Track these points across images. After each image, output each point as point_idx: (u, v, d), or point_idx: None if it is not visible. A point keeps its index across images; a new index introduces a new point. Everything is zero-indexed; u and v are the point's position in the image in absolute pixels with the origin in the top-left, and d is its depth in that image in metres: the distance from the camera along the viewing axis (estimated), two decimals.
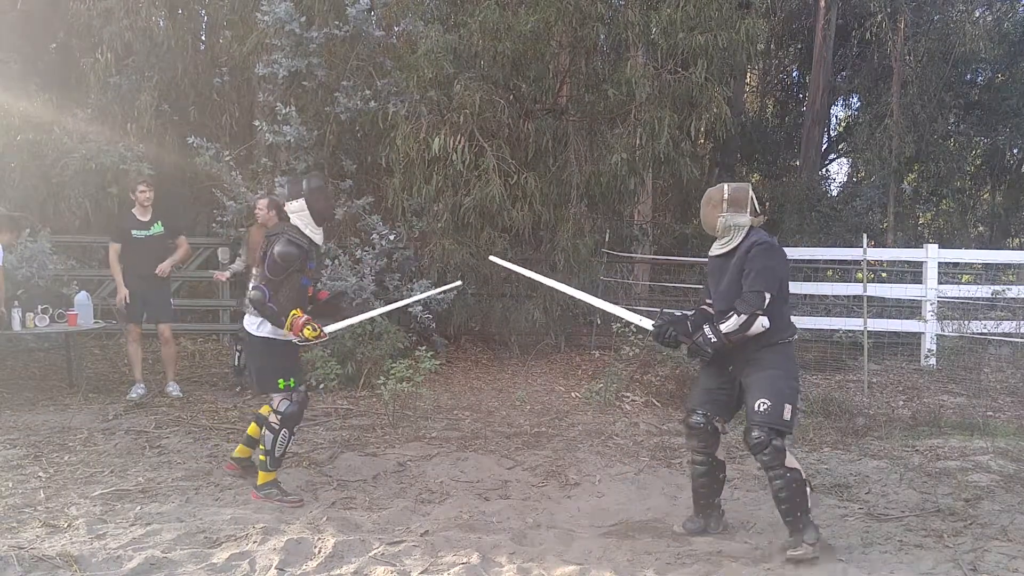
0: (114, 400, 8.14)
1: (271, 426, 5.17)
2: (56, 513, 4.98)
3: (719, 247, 4.74)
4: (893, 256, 13.64)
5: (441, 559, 4.38)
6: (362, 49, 10.43)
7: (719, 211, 4.65)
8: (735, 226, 4.64)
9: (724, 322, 4.52)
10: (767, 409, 4.43)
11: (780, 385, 4.51)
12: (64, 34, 12.39)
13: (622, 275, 13.38)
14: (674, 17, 10.00)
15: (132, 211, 8.26)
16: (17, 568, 4.10)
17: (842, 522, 4.99)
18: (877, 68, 18.80)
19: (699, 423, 4.81)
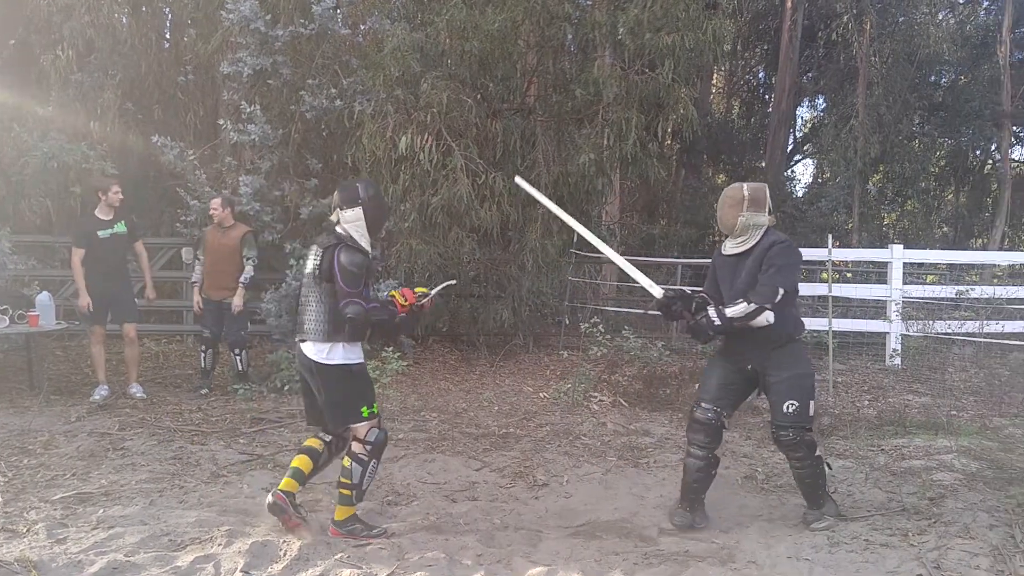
0: (76, 402, 8.02)
1: (359, 458, 4.70)
2: (15, 518, 4.88)
3: (735, 246, 4.77)
4: (858, 256, 13.77)
5: (408, 561, 4.35)
6: (328, 47, 10.37)
7: (740, 210, 4.68)
8: (755, 225, 4.69)
9: (732, 307, 4.58)
10: (796, 410, 4.62)
11: (805, 383, 4.72)
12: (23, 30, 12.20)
13: (590, 275, 13.41)
14: (641, 18, 10.04)
15: (95, 211, 8.16)
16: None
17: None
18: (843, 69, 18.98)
19: (709, 418, 4.85)
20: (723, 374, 4.91)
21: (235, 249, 8.46)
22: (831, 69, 19.80)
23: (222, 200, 8.64)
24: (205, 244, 8.65)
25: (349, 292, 4.56)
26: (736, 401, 5.00)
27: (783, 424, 4.65)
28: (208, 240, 8.62)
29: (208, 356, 8.73)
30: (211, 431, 7.08)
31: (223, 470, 5.99)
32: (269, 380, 8.68)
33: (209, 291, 8.57)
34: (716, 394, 4.88)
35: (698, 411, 4.90)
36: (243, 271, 8.45)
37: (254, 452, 6.46)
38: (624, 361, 8.89)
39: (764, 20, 21.08)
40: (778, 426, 4.69)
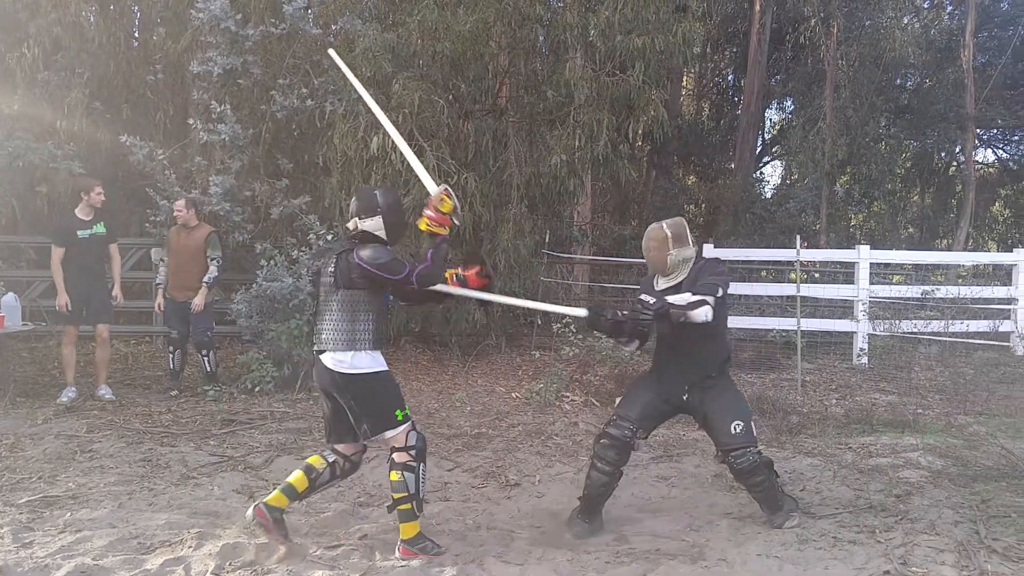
0: (43, 404, 7.93)
1: (409, 466, 4.45)
2: None
3: (667, 282, 4.82)
4: (826, 257, 13.91)
5: (380, 562, 4.35)
6: (299, 47, 10.35)
7: (667, 249, 4.74)
8: (684, 260, 4.78)
9: (676, 296, 4.57)
10: (743, 430, 4.66)
11: (743, 405, 4.81)
12: None
13: (562, 275, 13.44)
14: (612, 20, 10.09)
15: (75, 211, 8.10)
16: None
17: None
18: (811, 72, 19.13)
19: (625, 436, 4.82)
20: (652, 399, 4.87)
21: (199, 249, 8.42)
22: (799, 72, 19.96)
23: (186, 201, 8.62)
24: (169, 245, 8.61)
25: (404, 273, 4.41)
26: (655, 425, 5.04)
27: (735, 445, 4.64)
28: (172, 241, 8.58)
29: (176, 357, 8.68)
30: (181, 433, 7.03)
31: (193, 472, 5.95)
32: (239, 381, 8.63)
33: (174, 292, 8.53)
34: (640, 414, 4.84)
35: (614, 427, 4.84)
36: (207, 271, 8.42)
37: (224, 454, 6.43)
38: (596, 361, 8.92)
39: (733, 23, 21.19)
40: (730, 450, 4.67)
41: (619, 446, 4.83)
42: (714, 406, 4.73)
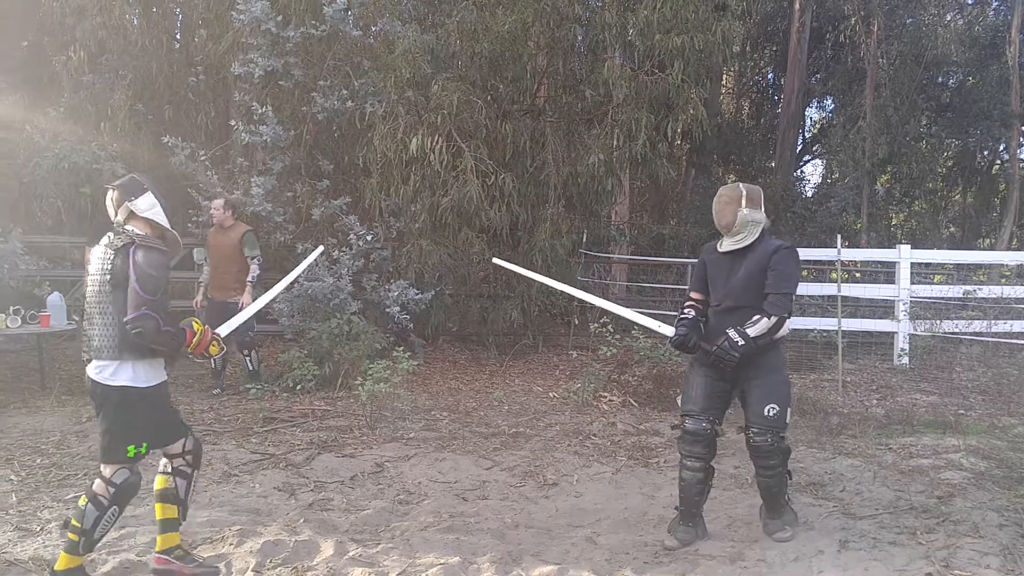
0: (88, 402, 8.00)
1: (99, 502, 3.95)
2: (28, 517, 4.93)
3: (732, 243, 4.72)
4: (866, 256, 13.77)
5: (419, 560, 4.37)
6: (339, 49, 10.42)
7: (738, 206, 4.64)
8: (753, 222, 4.66)
9: (752, 325, 4.51)
10: (776, 415, 4.55)
11: (784, 390, 4.65)
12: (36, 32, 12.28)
13: (599, 275, 13.43)
14: (651, 19, 10.07)
15: None
16: None
17: (817, 520, 5.01)
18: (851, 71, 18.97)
19: (704, 428, 4.72)
20: (706, 383, 4.78)
21: (235, 249, 8.46)
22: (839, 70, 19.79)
23: (224, 201, 8.69)
24: (208, 246, 8.70)
25: (147, 300, 3.85)
26: (723, 408, 4.89)
27: (761, 427, 4.56)
28: (209, 241, 8.67)
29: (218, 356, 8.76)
30: (223, 430, 7.11)
31: (235, 469, 6.01)
32: (281, 380, 8.72)
33: (213, 291, 8.61)
34: (704, 404, 4.76)
35: (689, 423, 4.76)
36: (246, 270, 8.46)
37: (266, 451, 6.48)
38: (634, 361, 8.89)
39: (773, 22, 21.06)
40: (756, 430, 4.58)
41: (703, 439, 4.74)
42: (756, 383, 4.64)
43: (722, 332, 4.64)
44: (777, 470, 4.65)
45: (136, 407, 3.95)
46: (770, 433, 4.55)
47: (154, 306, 3.87)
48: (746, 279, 4.62)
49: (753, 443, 4.61)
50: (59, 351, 9.92)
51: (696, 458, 4.74)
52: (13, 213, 10.79)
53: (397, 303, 9.65)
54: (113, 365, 3.93)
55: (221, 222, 8.55)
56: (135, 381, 3.95)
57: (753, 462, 4.74)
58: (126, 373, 3.93)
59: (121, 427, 3.96)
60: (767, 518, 4.83)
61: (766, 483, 4.70)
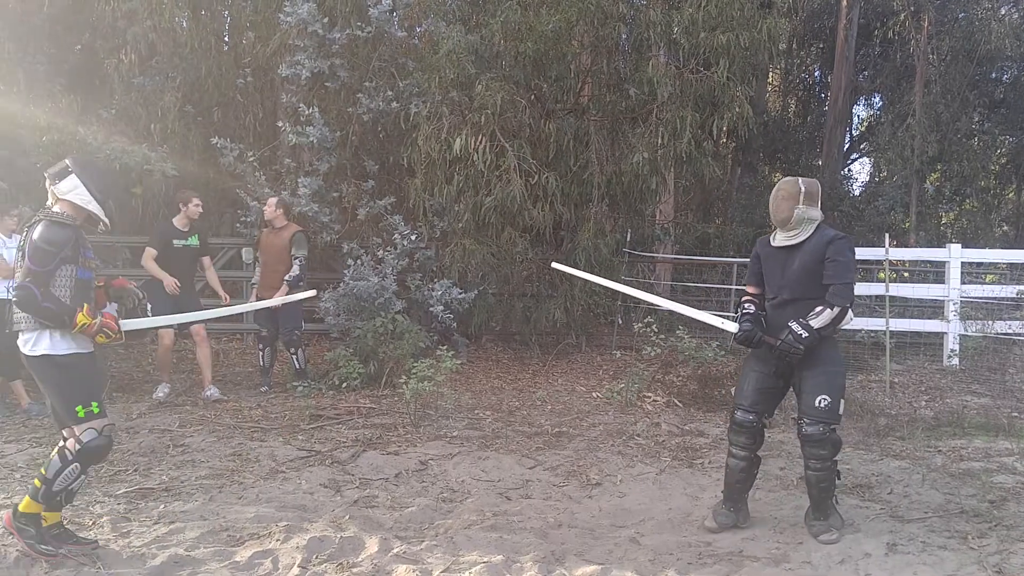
0: (138, 399, 8.22)
1: (64, 455, 4.17)
2: (81, 511, 5.02)
3: (786, 238, 4.74)
4: (915, 256, 13.55)
5: (462, 558, 4.39)
6: (384, 50, 10.49)
7: (795, 203, 4.65)
8: (808, 219, 4.67)
9: (816, 316, 4.54)
10: (828, 405, 4.56)
11: (838, 381, 4.65)
12: (89, 35, 12.47)
13: (644, 275, 13.37)
14: (696, 17, 10.01)
15: (173, 220, 8.35)
16: (43, 565, 4.14)
17: (864, 522, 4.95)
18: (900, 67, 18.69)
19: (750, 420, 4.85)
20: (759, 378, 4.87)
21: (284, 249, 8.56)
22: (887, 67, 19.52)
23: (277, 201, 8.81)
24: (260, 245, 8.81)
25: (31, 270, 4.03)
26: (774, 403, 4.99)
27: (814, 418, 4.59)
28: (262, 242, 8.79)
29: (266, 354, 8.89)
30: (270, 428, 7.20)
31: (282, 466, 6.09)
32: (327, 378, 8.80)
33: (262, 291, 8.70)
34: (754, 398, 4.86)
35: (737, 412, 4.91)
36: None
37: (312, 449, 6.55)
38: (678, 361, 8.85)
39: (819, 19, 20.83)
40: (808, 420, 4.62)
41: (747, 430, 4.86)
42: (810, 373, 4.65)
43: (781, 325, 4.68)
44: (826, 463, 4.64)
45: (63, 373, 4.16)
46: (821, 424, 4.57)
47: (39, 278, 4.04)
48: (802, 271, 4.65)
49: (804, 432, 4.64)
50: (111, 349, 10.09)
51: (741, 447, 4.90)
52: None
53: (441, 302, 9.70)
54: (33, 336, 4.15)
55: (272, 221, 8.66)
56: (53, 349, 4.14)
57: (803, 452, 4.75)
58: (44, 342, 4.14)
59: (58, 393, 4.19)
60: (813, 519, 4.79)
61: (815, 477, 4.68)
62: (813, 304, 4.59)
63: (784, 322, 4.66)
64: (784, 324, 4.65)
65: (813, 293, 4.61)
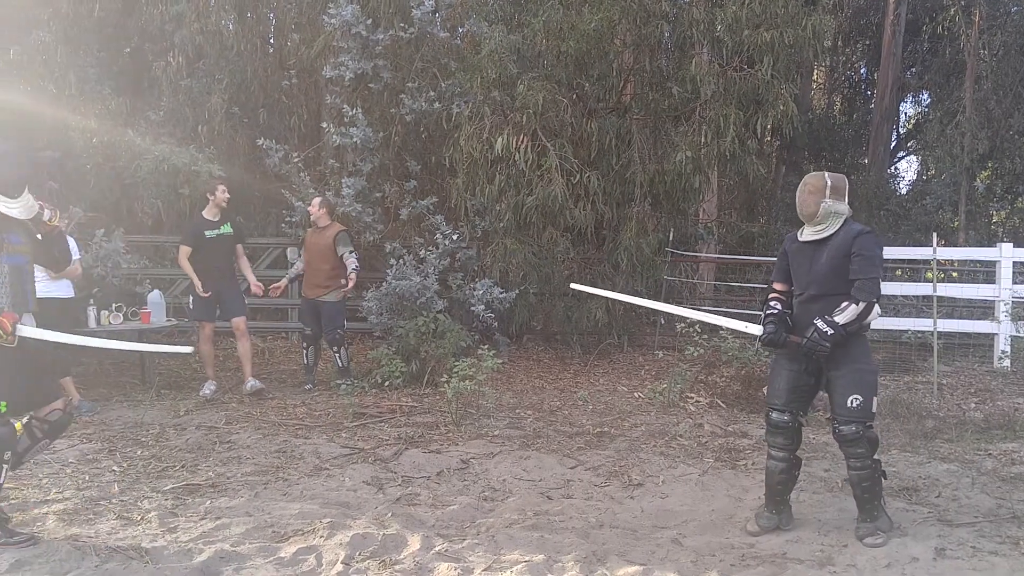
0: (185, 396, 8.34)
1: None
2: (129, 506, 5.12)
3: (813, 233, 4.71)
4: (965, 255, 13.30)
5: (504, 557, 4.40)
6: (427, 51, 10.54)
7: (822, 197, 4.62)
8: (835, 213, 4.64)
9: (841, 312, 4.50)
10: (860, 405, 4.53)
11: (869, 379, 4.61)
12: (138, 39, 12.69)
13: (686, 274, 13.29)
14: (739, 14, 9.93)
15: (202, 212, 8.45)
16: (94, 558, 4.23)
17: (911, 526, 4.88)
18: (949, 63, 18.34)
19: (786, 421, 4.80)
20: (790, 376, 4.82)
21: (329, 248, 8.64)
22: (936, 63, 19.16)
23: (321, 200, 8.89)
24: (304, 245, 8.90)
25: None
26: (807, 401, 4.94)
27: (846, 418, 4.55)
28: (306, 241, 8.88)
29: (310, 352, 8.98)
30: (314, 425, 7.28)
31: (325, 463, 6.14)
32: (370, 376, 8.86)
33: (306, 290, 8.80)
34: (787, 397, 4.81)
35: (772, 413, 4.86)
36: (338, 269, 8.63)
37: (355, 446, 6.61)
38: (721, 362, 8.77)
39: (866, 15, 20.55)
40: (840, 420, 4.58)
41: (783, 430, 4.81)
42: (839, 373, 4.61)
43: (808, 322, 4.64)
44: (866, 461, 4.59)
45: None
46: (855, 423, 4.53)
47: None
48: (829, 266, 4.62)
49: (838, 432, 4.61)
50: None
51: (779, 448, 4.85)
52: (116, 213, 11.20)
53: (482, 302, 9.72)
54: None
55: (316, 220, 8.74)
56: None
57: (842, 452, 4.72)
58: None
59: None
60: (859, 521, 4.73)
61: (856, 476, 4.63)
62: (839, 300, 4.54)
63: (810, 319, 4.62)
64: (810, 321, 4.61)
65: (840, 289, 4.56)
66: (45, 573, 4.05)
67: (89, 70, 11.24)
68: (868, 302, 4.49)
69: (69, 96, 10.78)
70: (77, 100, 10.83)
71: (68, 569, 4.10)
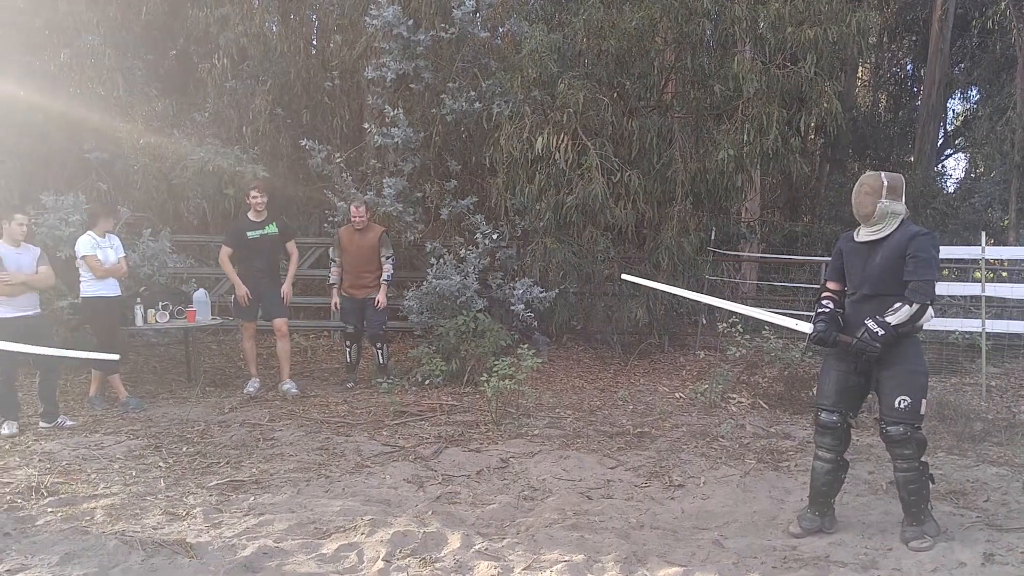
0: (230, 394, 8.45)
1: None
2: (175, 502, 5.21)
3: (869, 234, 4.65)
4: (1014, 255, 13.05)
5: (543, 556, 4.39)
6: (467, 51, 10.57)
7: (878, 197, 4.56)
8: (892, 213, 4.57)
9: (893, 313, 4.45)
10: (907, 406, 4.47)
11: (919, 381, 4.55)
12: (183, 41, 12.87)
13: (728, 274, 13.19)
14: (782, 11, 9.83)
15: (247, 214, 8.57)
16: (140, 552, 4.29)
17: (958, 530, 4.79)
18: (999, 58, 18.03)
19: (834, 421, 4.76)
20: (839, 376, 4.77)
21: (373, 249, 8.74)
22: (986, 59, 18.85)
23: (365, 206, 8.95)
24: (341, 244, 8.94)
25: None
26: (857, 401, 4.87)
27: (893, 419, 4.49)
28: (344, 240, 8.91)
29: (352, 351, 9.06)
30: (356, 423, 7.34)
31: (367, 461, 6.19)
32: (411, 375, 8.93)
33: (350, 290, 8.86)
34: (836, 397, 4.76)
35: (821, 414, 4.81)
36: (382, 269, 8.74)
37: (396, 444, 6.66)
38: (764, 362, 8.69)
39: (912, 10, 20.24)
40: (888, 421, 4.53)
41: (832, 430, 4.77)
42: (889, 373, 4.55)
43: (860, 322, 4.57)
44: (913, 462, 4.53)
45: None
46: (902, 424, 4.48)
47: None
48: (884, 266, 4.55)
49: (885, 433, 4.57)
50: (204, 345, 10.42)
51: (827, 449, 4.80)
52: (162, 213, 11.37)
53: (522, 301, 9.73)
54: None
55: (359, 222, 8.80)
56: None
57: (889, 453, 4.67)
58: None
59: None
60: (905, 525, 4.66)
61: (903, 478, 4.58)
62: (892, 300, 4.48)
63: (862, 319, 4.56)
64: (862, 321, 4.55)
65: (893, 289, 4.49)
66: (93, 566, 4.12)
67: (136, 72, 11.42)
68: (922, 304, 4.42)
69: (117, 98, 10.96)
70: (125, 102, 11.00)
71: (115, 562, 4.17)
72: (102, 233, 7.76)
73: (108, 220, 7.85)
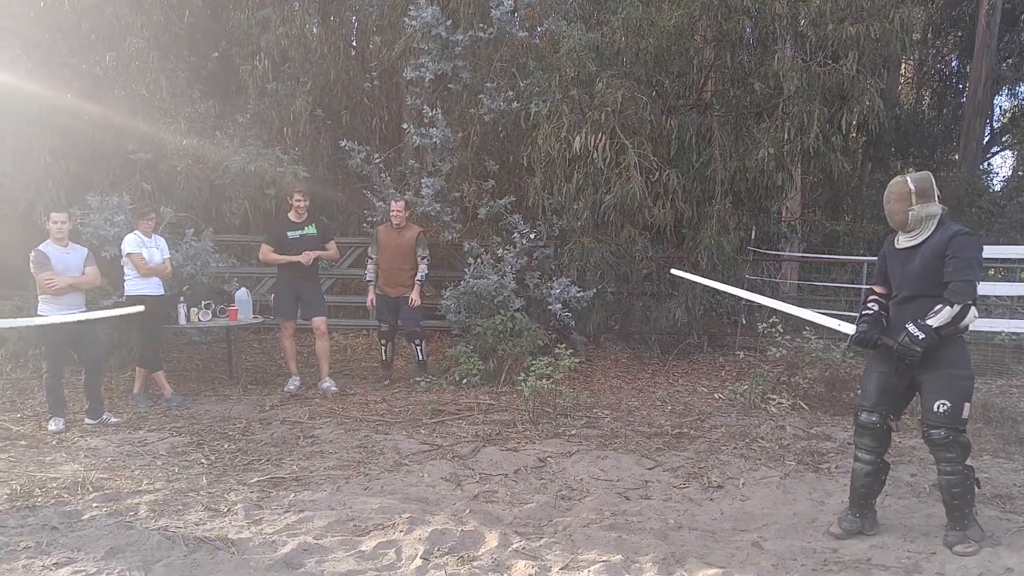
0: (270, 391, 8.55)
1: None
2: (217, 498, 5.28)
3: (908, 240, 4.59)
4: None
5: (581, 556, 4.39)
6: (505, 51, 10.59)
7: (908, 204, 4.49)
8: (927, 216, 4.51)
9: (934, 315, 4.37)
10: (947, 411, 4.41)
11: (961, 384, 4.47)
12: (225, 43, 13.03)
13: (769, 273, 13.07)
14: (823, 8, 9.71)
15: (288, 215, 8.67)
16: (182, 548, 4.36)
17: (1004, 535, 4.71)
18: None
19: (874, 422, 4.70)
20: (880, 378, 4.70)
21: (410, 248, 8.81)
22: None
23: (404, 203, 9.02)
24: (379, 243, 9.00)
25: None
26: (899, 404, 4.81)
27: (934, 423, 4.43)
28: (382, 239, 8.97)
29: (388, 349, 9.12)
30: (394, 421, 7.39)
31: (405, 459, 6.23)
32: (448, 373, 8.96)
33: (386, 288, 8.92)
34: (876, 399, 4.70)
35: (861, 414, 4.76)
36: (417, 269, 8.79)
37: (434, 443, 6.69)
38: (804, 363, 8.59)
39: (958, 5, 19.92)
40: (929, 424, 4.46)
41: (871, 431, 4.71)
42: (930, 376, 4.48)
43: (901, 325, 4.51)
44: (956, 466, 4.46)
45: None
46: (943, 428, 4.41)
47: None
48: (922, 267, 4.48)
49: (927, 436, 4.51)
50: (246, 343, 10.53)
51: (866, 450, 4.76)
52: (205, 213, 11.53)
53: (559, 300, 9.73)
54: None
55: (398, 221, 8.86)
56: None
57: (932, 456, 4.60)
58: None
59: None
60: (949, 529, 4.59)
61: (946, 481, 4.50)
62: (934, 302, 4.40)
63: (904, 321, 4.49)
64: (904, 324, 4.48)
65: (933, 290, 4.41)
66: (137, 561, 4.19)
67: (179, 74, 11.57)
68: (963, 305, 4.33)
69: (160, 100, 11.12)
70: (168, 104, 11.15)
71: (158, 557, 4.24)
72: (148, 233, 7.88)
73: (144, 221, 7.93)
